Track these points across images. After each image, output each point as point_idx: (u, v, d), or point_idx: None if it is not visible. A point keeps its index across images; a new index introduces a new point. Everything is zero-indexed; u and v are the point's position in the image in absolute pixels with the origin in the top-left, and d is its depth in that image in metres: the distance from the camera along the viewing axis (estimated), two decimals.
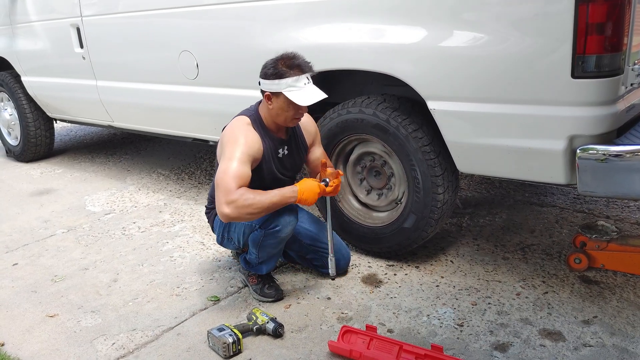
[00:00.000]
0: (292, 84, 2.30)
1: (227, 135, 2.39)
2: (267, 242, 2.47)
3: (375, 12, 2.53)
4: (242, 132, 2.37)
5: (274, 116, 2.43)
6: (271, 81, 2.33)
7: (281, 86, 2.31)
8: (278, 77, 2.31)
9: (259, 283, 2.61)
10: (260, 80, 2.39)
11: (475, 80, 2.29)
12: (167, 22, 3.43)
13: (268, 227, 2.42)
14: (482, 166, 2.47)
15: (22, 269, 3.07)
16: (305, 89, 2.32)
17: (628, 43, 2.10)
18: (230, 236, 2.60)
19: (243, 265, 2.68)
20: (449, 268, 2.79)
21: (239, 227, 2.53)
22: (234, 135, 2.37)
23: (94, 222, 3.67)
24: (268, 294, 2.58)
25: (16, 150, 5.34)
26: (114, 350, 2.29)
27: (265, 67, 2.37)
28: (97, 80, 4.13)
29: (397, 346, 2.07)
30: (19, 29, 4.65)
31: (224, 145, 2.37)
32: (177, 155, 5.22)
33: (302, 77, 2.31)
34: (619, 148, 2.08)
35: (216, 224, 2.66)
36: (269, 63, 2.36)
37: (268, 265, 2.59)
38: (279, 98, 2.35)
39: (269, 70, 2.34)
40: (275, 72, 2.31)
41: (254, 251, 2.53)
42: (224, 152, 2.34)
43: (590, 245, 2.65)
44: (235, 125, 2.41)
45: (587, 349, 2.13)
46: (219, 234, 2.65)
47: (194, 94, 3.45)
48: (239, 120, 2.44)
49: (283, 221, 2.41)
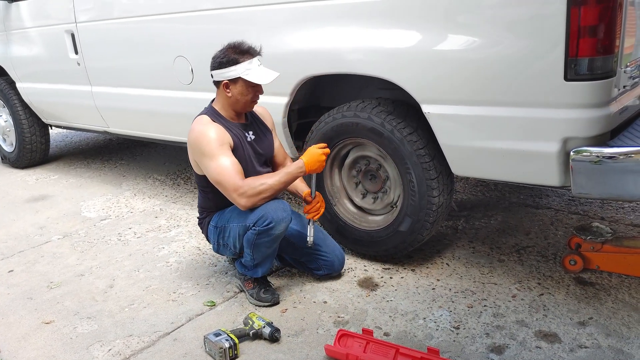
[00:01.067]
0: (247, 67, 2.44)
1: (195, 139, 2.48)
2: (261, 241, 2.47)
3: (369, 16, 2.53)
4: (208, 129, 2.46)
5: (232, 104, 2.54)
6: (227, 69, 2.45)
7: (238, 71, 2.43)
8: (234, 64, 2.43)
9: (254, 287, 2.61)
10: (214, 72, 2.50)
11: (469, 83, 2.30)
12: (162, 27, 3.44)
13: (261, 224, 2.42)
14: (477, 169, 2.48)
15: (17, 276, 3.07)
16: (259, 69, 2.47)
17: (620, 45, 2.11)
18: (225, 242, 2.61)
19: (239, 269, 2.68)
20: (444, 271, 2.80)
21: (232, 231, 2.54)
22: (202, 135, 2.45)
23: (89, 228, 3.67)
24: (264, 298, 2.58)
25: (11, 157, 5.33)
26: (110, 357, 2.28)
27: (217, 57, 2.49)
28: (92, 86, 4.13)
29: (394, 349, 2.08)
30: (14, 35, 4.65)
31: (198, 148, 2.46)
32: (172, 161, 5.22)
33: (254, 60, 2.46)
34: (612, 150, 2.09)
35: (210, 233, 2.68)
36: (220, 54, 2.48)
37: (263, 267, 2.59)
38: (237, 84, 2.47)
39: (222, 60, 2.46)
40: (229, 60, 2.44)
41: (248, 252, 2.53)
42: (204, 154, 2.44)
43: (585, 247, 2.66)
44: (198, 128, 2.49)
45: (582, 350, 2.13)
46: (214, 242, 2.67)
47: (189, 99, 3.45)
48: (198, 122, 2.52)
49: (276, 218, 2.41)
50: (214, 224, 2.65)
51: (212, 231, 2.66)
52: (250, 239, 2.48)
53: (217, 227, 2.63)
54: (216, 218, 2.65)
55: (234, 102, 2.53)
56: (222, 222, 2.61)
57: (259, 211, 2.43)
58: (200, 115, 2.57)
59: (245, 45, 2.48)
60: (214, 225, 2.65)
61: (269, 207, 2.43)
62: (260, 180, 2.43)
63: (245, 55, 2.45)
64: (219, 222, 2.62)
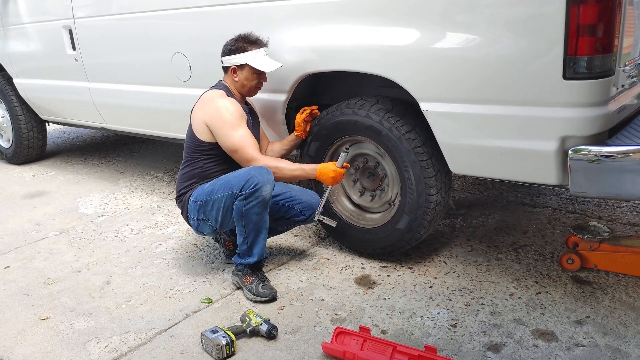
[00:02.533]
0: (254, 55, 2.69)
1: (218, 108, 2.65)
2: (249, 207, 2.50)
3: (368, 14, 2.53)
4: (230, 101, 2.68)
5: (239, 87, 2.78)
6: (235, 55, 2.70)
7: (246, 58, 2.68)
8: (242, 51, 2.69)
9: (253, 282, 2.62)
10: (224, 58, 2.75)
11: (468, 81, 2.30)
12: (159, 24, 3.43)
13: (248, 187, 2.48)
14: (475, 167, 2.48)
15: (14, 272, 3.06)
16: (265, 58, 2.72)
17: (619, 44, 2.11)
18: (206, 216, 2.65)
19: (236, 261, 2.69)
20: (442, 269, 2.80)
21: (217, 202, 2.59)
22: (225, 106, 2.65)
23: (86, 225, 3.66)
24: (262, 292, 2.58)
25: (8, 153, 5.32)
26: (106, 353, 2.28)
27: (228, 45, 2.74)
28: (89, 82, 4.12)
29: (391, 347, 2.08)
30: (11, 30, 4.63)
31: (220, 116, 2.63)
32: (170, 157, 5.21)
33: (261, 50, 2.71)
34: (610, 149, 2.09)
35: (190, 209, 2.71)
36: (230, 42, 2.73)
37: (257, 247, 2.60)
38: (243, 70, 2.72)
39: (232, 47, 2.71)
40: (238, 47, 2.70)
41: (240, 228, 2.57)
42: (226, 122, 2.62)
43: (582, 246, 2.67)
44: (219, 99, 2.68)
45: (579, 349, 2.13)
46: (194, 218, 2.70)
47: (187, 95, 3.43)
48: (218, 94, 2.72)
49: (262, 179, 2.49)
50: (194, 199, 2.68)
51: (192, 207, 2.69)
52: (240, 209, 2.52)
53: (197, 202, 2.66)
54: (196, 193, 2.68)
55: (240, 87, 2.76)
56: (203, 196, 2.64)
57: (243, 176, 2.51)
58: (215, 89, 2.76)
59: (254, 36, 2.73)
60: (194, 200, 2.67)
61: (253, 171, 2.52)
62: (275, 162, 2.67)
63: (254, 44, 2.70)
64: (199, 196, 2.66)
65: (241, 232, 2.59)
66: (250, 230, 2.57)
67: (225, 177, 2.61)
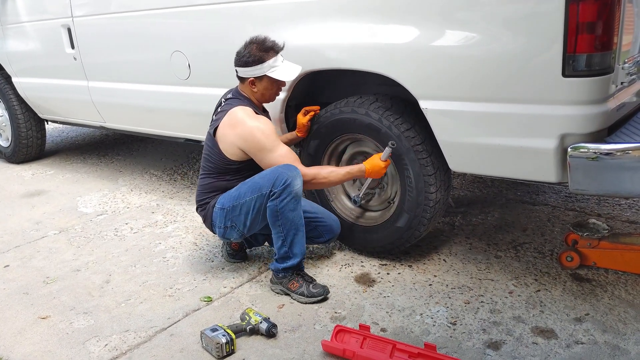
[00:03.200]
0: (272, 64, 2.58)
1: (251, 133, 2.55)
2: (284, 204, 2.47)
3: (367, 12, 2.53)
4: (261, 122, 2.58)
5: (258, 97, 2.69)
6: (253, 67, 2.58)
7: (264, 69, 2.58)
8: (259, 62, 2.57)
9: (301, 285, 2.57)
10: (239, 69, 2.64)
11: (467, 79, 2.30)
12: (158, 22, 3.42)
13: (279, 185, 2.45)
14: (474, 165, 2.48)
15: (13, 271, 3.06)
16: (283, 66, 2.61)
17: (618, 42, 2.11)
18: (234, 222, 2.61)
19: (276, 269, 2.61)
20: (442, 267, 2.80)
21: (245, 206, 2.55)
22: (258, 129, 2.55)
23: (86, 224, 3.66)
24: (316, 292, 2.55)
25: (7, 152, 5.31)
26: (106, 352, 2.28)
27: (242, 56, 2.61)
28: (88, 81, 4.11)
29: (391, 345, 2.08)
30: (10, 29, 4.62)
31: (256, 141, 2.55)
32: (169, 156, 5.21)
33: (278, 57, 2.60)
34: (610, 146, 2.09)
35: (216, 216, 2.65)
36: (245, 52, 2.60)
37: (297, 246, 2.56)
38: (262, 80, 2.62)
39: (248, 59, 2.58)
40: (255, 59, 2.57)
41: (278, 230, 2.53)
42: (264, 147, 2.55)
43: (581, 243, 2.67)
44: (251, 122, 2.56)
45: (579, 347, 2.14)
46: (220, 225, 2.65)
47: (185, 94, 3.45)
48: (248, 114, 2.59)
49: (290, 174, 2.46)
50: (220, 205, 2.63)
51: (218, 214, 2.64)
52: (274, 209, 2.48)
53: (223, 209, 2.61)
54: (222, 199, 2.64)
55: (260, 96, 2.69)
56: (230, 202, 2.59)
57: (271, 176, 2.48)
58: (242, 106, 2.62)
59: (269, 42, 2.59)
60: (220, 207, 2.63)
61: (280, 168, 2.50)
62: (321, 170, 2.62)
63: (270, 52, 2.58)
64: (226, 202, 2.61)
65: (279, 234, 2.54)
66: (289, 228, 2.52)
67: (251, 180, 2.57)
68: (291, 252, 2.57)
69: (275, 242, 2.58)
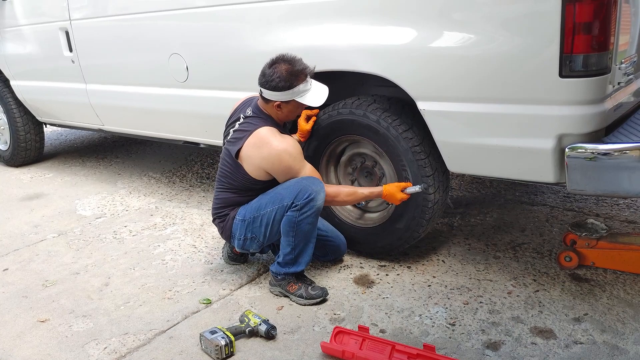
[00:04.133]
0: (303, 89, 2.48)
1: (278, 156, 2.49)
2: (303, 218, 2.46)
3: (364, 13, 2.53)
4: (287, 144, 2.51)
5: (282, 118, 2.62)
6: (282, 92, 2.46)
7: (294, 94, 2.48)
8: (288, 88, 2.45)
9: (301, 287, 2.57)
10: (266, 91, 2.50)
11: (465, 80, 2.30)
12: (156, 24, 3.42)
13: (302, 198, 2.44)
14: (473, 166, 2.48)
15: (12, 274, 3.05)
16: (312, 90, 2.52)
17: (615, 42, 2.12)
18: (254, 234, 2.59)
19: (276, 271, 2.62)
20: (440, 268, 2.80)
21: (266, 217, 2.53)
22: (285, 153, 2.49)
23: (85, 226, 3.66)
24: (315, 294, 2.55)
25: (6, 155, 5.31)
26: (105, 355, 2.27)
27: (271, 80, 2.46)
28: (86, 84, 4.11)
29: (390, 346, 2.08)
30: (7, 32, 4.62)
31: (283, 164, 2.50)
32: (168, 158, 5.21)
33: (308, 80, 2.49)
34: (607, 146, 2.10)
35: (236, 227, 2.63)
36: (273, 75, 2.45)
37: (304, 256, 2.56)
38: (289, 104, 2.53)
39: (278, 84, 2.44)
40: (285, 85, 2.44)
41: (289, 239, 2.51)
42: (291, 169, 2.51)
43: (580, 243, 2.67)
44: (277, 145, 2.49)
45: (578, 346, 2.14)
46: (241, 236, 2.63)
47: (184, 96, 3.45)
48: (270, 132, 2.52)
49: (315, 188, 2.45)
50: (241, 217, 2.61)
51: (238, 225, 2.62)
52: (292, 220, 2.47)
53: (244, 220, 2.60)
54: (243, 211, 2.62)
55: (284, 117, 2.62)
56: (251, 213, 2.58)
57: (294, 188, 2.46)
58: (267, 127, 2.54)
59: (299, 65, 2.47)
60: (241, 218, 2.61)
61: (305, 181, 2.48)
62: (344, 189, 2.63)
63: (300, 76, 2.46)
64: (247, 214, 2.59)
65: (289, 243, 2.53)
66: (300, 240, 2.52)
67: (273, 191, 2.56)
68: (297, 261, 2.57)
69: (283, 247, 2.57)
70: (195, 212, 3.75)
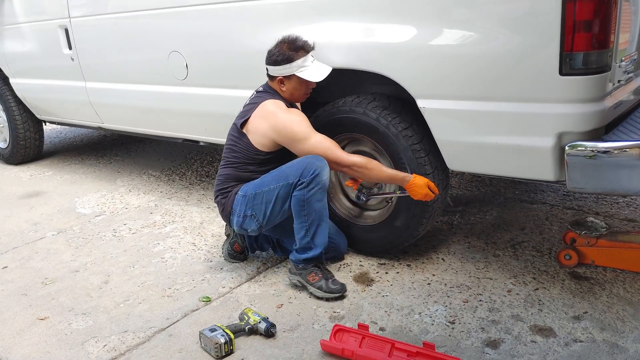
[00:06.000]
0: (301, 64, 2.55)
1: (284, 125, 2.54)
2: (311, 194, 2.47)
3: (364, 11, 2.53)
4: (293, 113, 2.57)
5: (287, 96, 2.67)
6: (282, 66, 2.56)
7: (292, 69, 2.55)
8: (288, 62, 2.54)
9: (320, 279, 2.57)
10: (269, 67, 2.62)
11: (465, 78, 2.30)
12: (156, 22, 3.42)
13: (307, 175, 2.45)
14: (473, 164, 2.48)
15: (12, 272, 3.05)
16: (313, 66, 2.58)
17: (615, 40, 2.12)
18: (254, 212, 2.60)
19: (295, 258, 2.63)
20: (440, 266, 2.80)
21: (269, 194, 2.55)
22: (291, 121, 2.55)
23: (84, 224, 3.66)
24: (335, 289, 2.54)
25: (5, 153, 5.31)
26: (105, 352, 2.27)
27: (272, 54, 2.59)
28: (86, 82, 4.11)
29: (389, 344, 2.08)
30: (6, 30, 4.62)
31: (289, 132, 2.54)
32: (167, 156, 5.20)
33: (308, 57, 2.56)
34: (607, 144, 2.09)
35: (237, 203, 2.64)
36: (275, 50, 2.58)
37: (319, 236, 2.56)
38: (291, 80, 2.60)
39: (278, 57, 2.56)
40: (284, 58, 2.54)
41: (302, 220, 2.52)
42: (298, 138, 2.53)
43: (580, 242, 2.67)
44: (283, 115, 2.56)
45: (577, 345, 2.14)
46: (241, 213, 2.64)
47: (183, 94, 3.44)
48: (277, 104, 2.59)
49: (319, 164, 2.47)
50: (243, 192, 2.62)
51: (239, 201, 2.63)
52: (301, 198, 2.48)
53: (245, 196, 2.61)
54: (245, 187, 2.63)
55: (289, 96, 2.66)
56: (254, 189, 2.59)
57: (298, 165, 2.49)
58: (273, 100, 2.61)
59: (300, 41, 2.56)
60: (243, 194, 2.62)
61: (308, 159, 2.50)
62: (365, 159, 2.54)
63: (300, 52, 2.54)
64: (249, 190, 2.61)
65: (302, 225, 2.54)
66: (313, 219, 2.52)
67: (277, 170, 2.57)
68: (313, 242, 2.57)
69: (297, 232, 2.58)
70: (194, 210, 3.75)
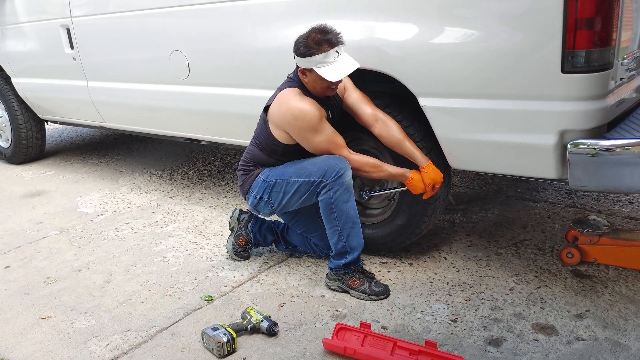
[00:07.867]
0: (321, 60, 2.36)
1: (297, 114, 2.45)
2: (337, 195, 2.46)
3: (365, 9, 2.53)
4: (307, 103, 2.45)
5: (310, 88, 2.51)
6: (302, 59, 2.40)
7: (312, 63, 2.37)
8: (308, 55, 2.37)
9: (364, 283, 2.54)
10: (294, 56, 2.45)
11: (466, 76, 2.30)
12: (157, 21, 3.42)
13: (331, 176, 2.44)
14: (474, 162, 2.48)
15: (14, 272, 3.06)
16: (335, 64, 2.37)
17: (617, 38, 2.11)
18: (270, 197, 2.61)
19: (334, 267, 2.60)
20: (442, 264, 2.80)
21: (289, 186, 2.54)
22: (304, 110, 2.44)
23: (86, 224, 3.66)
24: (379, 291, 2.53)
25: (7, 153, 5.31)
26: (108, 352, 2.28)
27: (298, 43, 2.42)
28: (88, 81, 4.11)
29: (392, 342, 2.08)
30: (9, 30, 4.62)
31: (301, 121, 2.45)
32: (169, 156, 5.21)
33: (331, 52, 2.35)
34: (609, 142, 2.09)
35: (256, 185, 2.64)
36: (301, 40, 2.41)
37: (354, 238, 2.53)
38: (312, 73, 2.42)
39: (300, 49, 2.40)
40: (307, 51, 2.37)
41: (333, 224, 2.51)
42: (310, 128, 2.45)
43: (582, 240, 2.67)
44: (296, 103, 2.46)
45: (579, 343, 2.14)
46: (257, 195, 2.65)
47: (185, 93, 3.44)
48: (291, 93, 2.49)
49: (342, 166, 2.45)
50: (264, 177, 2.62)
51: (259, 184, 2.63)
52: (327, 201, 2.47)
53: (266, 181, 2.61)
54: (267, 172, 2.63)
55: (312, 88, 2.50)
56: (274, 177, 2.59)
57: (321, 165, 2.47)
58: (291, 88, 2.52)
59: (326, 35, 2.36)
60: (264, 178, 2.62)
61: (331, 160, 2.48)
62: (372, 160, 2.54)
63: (323, 45, 2.35)
64: (270, 176, 2.60)
65: (334, 229, 2.52)
66: (344, 221, 2.50)
67: (300, 162, 2.56)
68: (349, 246, 2.54)
69: (330, 237, 2.56)
70: (196, 209, 3.75)
